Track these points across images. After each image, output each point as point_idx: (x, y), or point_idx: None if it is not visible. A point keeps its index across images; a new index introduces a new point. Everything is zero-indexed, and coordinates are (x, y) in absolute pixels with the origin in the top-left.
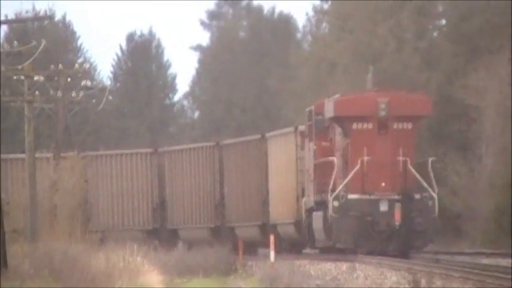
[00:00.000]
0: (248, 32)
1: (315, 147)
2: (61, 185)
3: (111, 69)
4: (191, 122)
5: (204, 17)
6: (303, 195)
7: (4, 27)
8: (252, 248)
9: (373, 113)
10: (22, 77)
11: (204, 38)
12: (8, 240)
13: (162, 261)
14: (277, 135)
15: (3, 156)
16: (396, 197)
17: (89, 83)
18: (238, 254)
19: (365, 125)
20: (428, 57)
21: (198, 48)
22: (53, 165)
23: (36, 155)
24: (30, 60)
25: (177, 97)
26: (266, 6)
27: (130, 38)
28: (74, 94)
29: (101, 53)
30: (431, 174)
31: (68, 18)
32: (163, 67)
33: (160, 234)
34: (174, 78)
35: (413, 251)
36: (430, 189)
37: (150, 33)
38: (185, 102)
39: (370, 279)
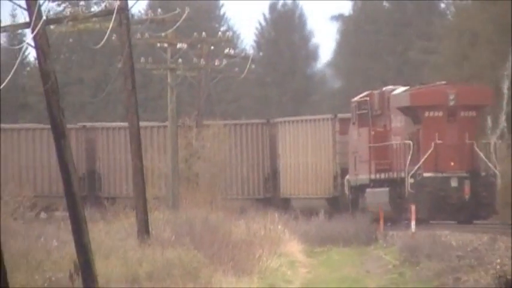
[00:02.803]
0: (391, 2)
1: (373, 132)
2: (203, 153)
3: (254, 38)
4: (332, 92)
5: None
6: (342, 175)
7: None
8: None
9: (444, 102)
10: (165, 45)
11: (346, 7)
12: (150, 207)
13: (303, 230)
14: (295, 121)
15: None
16: (465, 174)
17: (231, 52)
18: (378, 223)
19: (436, 113)
20: None
21: (340, 17)
22: (195, 133)
23: (179, 122)
24: (174, 27)
25: (319, 66)
26: None
27: (273, 7)
28: (216, 62)
29: (244, 21)
30: (494, 155)
31: None
32: (305, 37)
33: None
34: (316, 48)
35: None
36: (493, 168)
37: (293, 2)
38: (327, 72)
39: (511, 250)
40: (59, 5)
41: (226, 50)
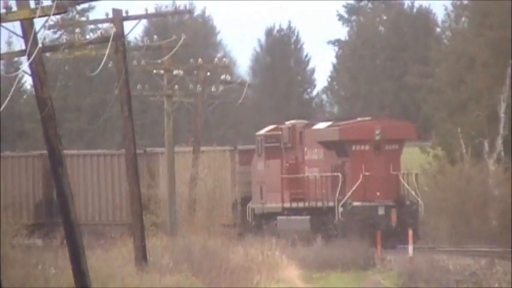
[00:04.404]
0: (388, 27)
1: (287, 164)
2: (200, 179)
3: (250, 64)
4: (330, 117)
5: (342, 11)
6: (242, 203)
7: (144, 22)
8: None
9: (371, 137)
10: (162, 71)
11: (342, 32)
12: (148, 234)
13: (300, 256)
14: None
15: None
16: (391, 203)
17: (228, 78)
18: (376, 248)
19: (363, 147)
20: None
21: (337, 42)
22: (192, 159)
23: (176, 149)
24: (170, 54)
25: (315, 91)
26: (405, 1)
27: (269, 32)
28: (213, 88)
29: (240, 47)
30: (416, 185)
31: (207, 13)
32: (302, 62)
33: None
34: (312, 73)
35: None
36: (417, 197)
37: (289, 27)
38: (324, 97)
39: (510, 275)
40: (54, 33)
41: (223, 76)
